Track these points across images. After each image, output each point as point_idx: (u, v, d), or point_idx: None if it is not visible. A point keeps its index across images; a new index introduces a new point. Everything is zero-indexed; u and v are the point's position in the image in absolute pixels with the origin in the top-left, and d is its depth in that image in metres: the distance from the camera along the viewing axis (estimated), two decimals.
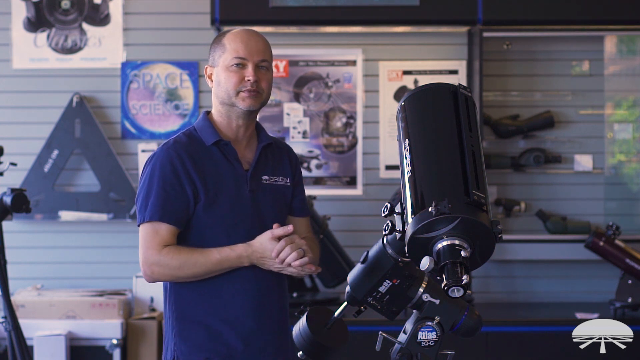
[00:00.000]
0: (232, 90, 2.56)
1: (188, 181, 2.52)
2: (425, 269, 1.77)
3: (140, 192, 2.55)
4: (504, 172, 4.96)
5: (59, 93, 4.94)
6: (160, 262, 2.49)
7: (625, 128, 5.04)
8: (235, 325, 2.55)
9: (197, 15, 4.91)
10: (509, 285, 5.01)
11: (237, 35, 2.58)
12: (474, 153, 1.87)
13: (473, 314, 2.02)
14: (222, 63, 2.57)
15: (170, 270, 2.50)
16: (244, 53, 2.55)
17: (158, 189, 2.51)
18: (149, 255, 2.51)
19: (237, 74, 2.55)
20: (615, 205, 5.04)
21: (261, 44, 2.60)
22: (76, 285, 4.94)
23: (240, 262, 2.51)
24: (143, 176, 2.57)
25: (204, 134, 2.59)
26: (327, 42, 5.00)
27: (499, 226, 1.81)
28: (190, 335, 2.54)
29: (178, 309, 2.57)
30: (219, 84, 2.58)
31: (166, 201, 2.50)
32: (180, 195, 2.51)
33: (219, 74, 2.58)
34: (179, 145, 2.56)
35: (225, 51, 2.57)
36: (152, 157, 2.57)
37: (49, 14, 4.97)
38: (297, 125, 4.98)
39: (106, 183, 4.90)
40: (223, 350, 2.55)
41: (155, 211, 2.50)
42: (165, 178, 2.51)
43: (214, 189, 2.52)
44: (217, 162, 2.57)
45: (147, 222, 2.53)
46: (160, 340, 4.60)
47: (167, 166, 2.52)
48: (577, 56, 5.02)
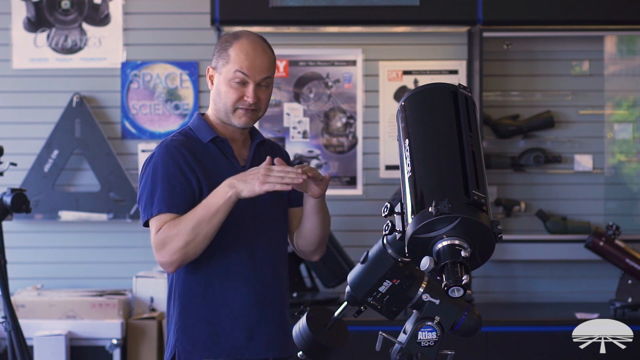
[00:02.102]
0: (230, 106, 2.54)
1: (191, 173, 2.51)
2: (425, 269, 1.77)
3: (144, 190, 2.51)
4: (504, 172, 4.96)
5: (59, 93, 4.94)
6: (162, 240, 2.45)
7: (625, 128, 5.04)
8: (239, 319, 2.55)
9: (197, 15, 4.91)
10: (509, 285, 5.01)
11: (243, 49, 2.53)
12: (474, 153, 1.87)
13: (473, 314, 2.02)
14: (225, 74, 2.54)
15: (172, 241, 2.43)
16: (247, 70, 2.51)
17: (163, 183, 2.49)
18: (153, 241, 2.47)
19: (238, 90, 2.53)
20: (615, 205, 5.05)
21: (266, 61, 2.55)
22: (76, 285, 4.94)
23: (223, 192, 2.42)
24: (144, 175, 2.54)
25: (201, 132, 2.59)
26: (327, 42, 5.00)
27: (499, 226, 1.81)
28: (193, 332, 2.54)
29: (181, 304, 2.56)
30: (219, 94, 2.56)
31: (172, 194, 2.48)
32: (186, 186, 2.49)
33: (220, 83, 2.55)
34: (177, 141, 2.55)
35: (228, 62, 2.53)
36: (150, 156, 2.56)
37: (49, 14, 4.97)
38: (297, 125, 4.99)
39: (106, 183, 4.90)
40: (228, 345, 2.54)
41: (163, 204, 2.47)
42: (168, 172, 2.50)
43: (215, 182, 2.51)
44: (216, 158, 2.57)
45: (155, 216, 2.48)
46: (160, 340, 4.60)
47: (168, 161, 2.51)
48: (577, 56, 5.02)
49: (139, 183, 2.56)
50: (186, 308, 2.56)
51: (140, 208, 2.54)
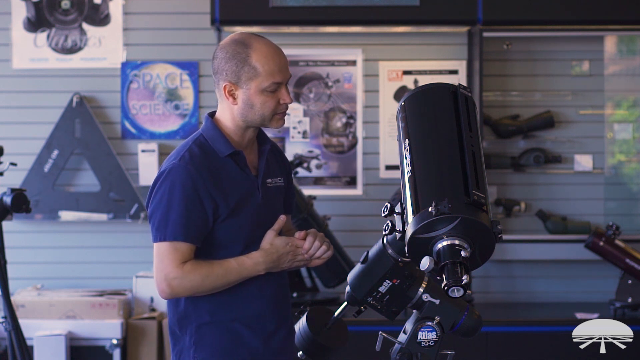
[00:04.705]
0: (269, 115, 2.54)
1: (208, 198, 2.47)
2: (425, 269, 1.77)
3: (158, 208, 2.48)
4: (504, 172, 4.96)
5: (59, 93, 4.93)
6: (182, 277, 2.45)
7: (625, 128, 5.04)
8: (256, 327, 2.55)
9: (197, 15, 4.91)
10: (509, 285, 5.01)
11: (267, 56, 2.52)
12: (474, 153, 1.87)
13: (473, 314, 2.02)
14: (256, 87, 2.50)
15: (191, 284, 2.46)
16: (280, 77, 2.52)
17: (180, 206, 2.45)
18: (169, 271, 2.46)
19: (273, 98, 2.52)
20: (615, 205, 5.04)
21: (286, 59, 2.58)
22: (76, 285, 4.94)
23: (256, 269, 2.49)
24: (159, 191, 2.49)
25: (218, 145, 2.54)
26: (327, 42, 5.00)
27: (499, 226, 1.81)
28: (213, 340, 2.53)
29: (198, 316, 2.53)
30: (252, 107, 2.51)
31: (188, 219, 2.45)
32: (201, 213, 2.47)
33: (252, 97, 2.51)
34: (196, 159, 2.50)
35: (257, 75, 2.50)
36: (167, 172, 2.50)
37: (49, 14, 4.97)
38: (297, 125, 4.98)
39: (106, 183, 4.90)
40: (245, 353, 2.54)
41: (179, 230, 2.45)
42: (186, 195, 2.46)
43: (234, 203, 2.50)
44: (233, 173, 2.54)
45: (169, 241, 2.46)
46: (160, 340, 4.59)
47: (187, 183, 2.46)
48: (577, 56, 5.02)
49: (152, 197, 2.51)
50: (205, 319, 2.53)
51: (151, 225, 2.51)
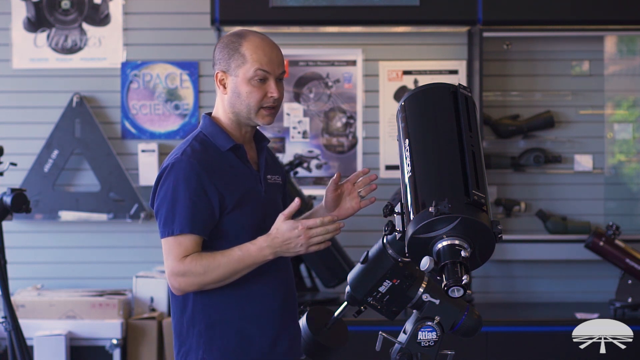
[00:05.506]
0: (255, 106, 2.51)
1: (214, 190, 2.47)
2: (425, 269, 1.77)
3: (164, 203, 2.47)
4: (504, 172, 4.96)
5: (59, 93, 4.93)
6: (185, 272, 2.44)
7: (625, 128, 5.04)
8: (264, 327, 2.54)
9: (197, 15, 4.91)
10: (509, 285, 5.01)
11: (258, 46, 2.51)
12: (474, 153, 1.87)
13: (473, 314, 2.02)
14: (243, 75, 2.50)
15: (195, 277, 2.44)
16: (268, 67, 2.49)
17: (185, 199, 2.45)
18: (173, 267, 2.45)
19: (260, 89, 2.50)
20: (615, 205, 5.05)
21: (280, 55, 2.55)
22: (76, 285, 4.94)
23: (262, 254, 2.43)
24: (164, 186, 2.49)
25: (218, 140, 2.54)
26: (327, 42, 5.00)
27: (499, 226, 1.81)
28: (222, 341, 2.52)
29: (207, 316, 2.52)
30: (239, 96, 2.51)
31: (194, 211, 2.45)
32: (207, 204, 2.46)
33: (239, 85, 2.51)
34: (198, 154, 2.50)
35: (245, 62, 2.49)
36: (170, 167, 2.50)
37: (49, 14, 4.97)
38: (297, 125, 4.98)
39: (106, 183, 4.90)
40: (253, 353, 2.53)
41: (185, 223, 2.44)
42: (190, 188, 2.45)
43: (239, 194, 2.50)
44: (235, 166, 2.54)
45: (176, 235, 2.45)
46: (160, 340, 4.59)
47: (191, 176, 2.46)
48: (577, 56, 5.02)
49: (156, 194, 2.51)
50: (214, 319, 2.52)
51: (158, 221, 2.50)
